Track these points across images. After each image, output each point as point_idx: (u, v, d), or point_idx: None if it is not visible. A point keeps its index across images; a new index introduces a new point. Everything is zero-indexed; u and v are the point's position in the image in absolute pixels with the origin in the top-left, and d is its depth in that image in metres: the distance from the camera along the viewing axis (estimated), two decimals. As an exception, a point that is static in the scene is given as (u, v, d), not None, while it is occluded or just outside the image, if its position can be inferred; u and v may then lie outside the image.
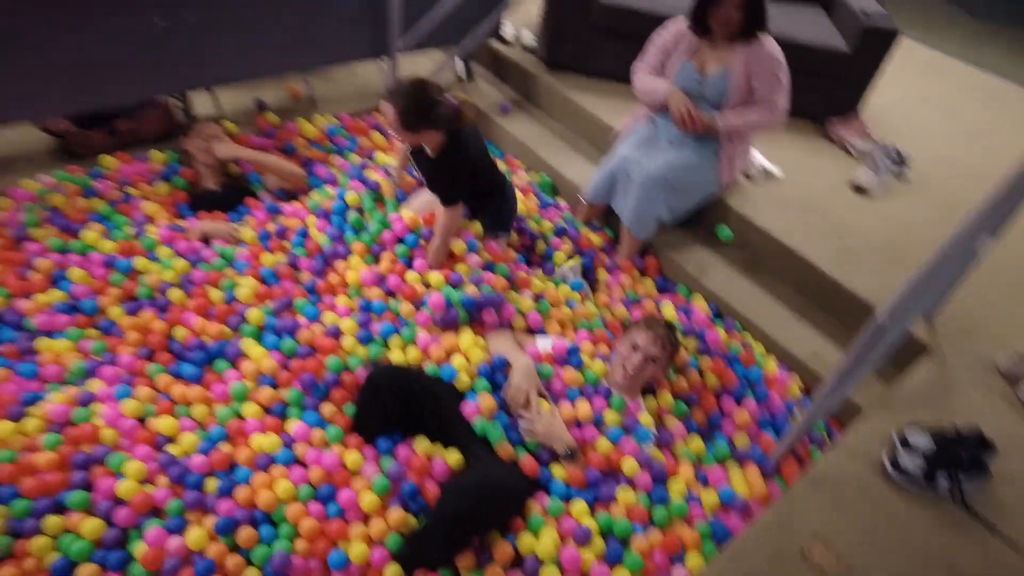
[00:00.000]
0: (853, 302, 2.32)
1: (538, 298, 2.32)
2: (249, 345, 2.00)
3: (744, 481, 1.90)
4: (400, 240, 2.31)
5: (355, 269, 2.26)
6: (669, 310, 2.41)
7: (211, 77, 2.77)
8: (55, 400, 1.80)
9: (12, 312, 2.05)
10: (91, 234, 2.29)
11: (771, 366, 2.27)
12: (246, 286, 2.18)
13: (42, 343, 1.98)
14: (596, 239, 2.70)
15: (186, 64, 2.58)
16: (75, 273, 2.15)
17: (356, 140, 3.02)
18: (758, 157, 2.87)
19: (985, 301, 2.35)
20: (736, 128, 2.47)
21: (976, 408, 1.97)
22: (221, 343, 2.03)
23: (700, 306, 2.48)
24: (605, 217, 2.78)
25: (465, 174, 2.24)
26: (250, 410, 1.85)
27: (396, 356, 2.06)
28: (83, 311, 2.09)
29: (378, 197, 2.46)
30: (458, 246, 2.31)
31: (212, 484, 1.68)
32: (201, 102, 2.98)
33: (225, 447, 1.76)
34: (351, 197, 2.42)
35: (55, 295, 2.10)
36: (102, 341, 2.01)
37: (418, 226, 2.32)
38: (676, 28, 2.51)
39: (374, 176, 2.53)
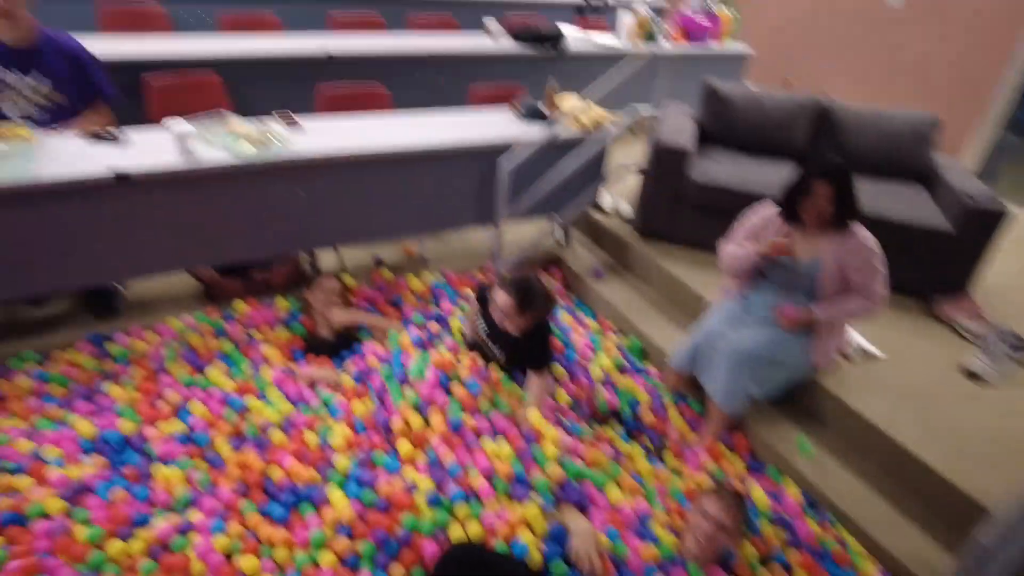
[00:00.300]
0: (966, 503, 2.13)
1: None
2: (333, 492, 2.10)
3: None
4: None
5: (435, 429, 2.32)
6: (758, 493, 2.31)
7: (338, 238, 3.15)
8: (159, 524, 1.96)
9: (140, 438, 2.29)
10: (215, 372, 2.56)
11: (869, 568, 2.08)
12: (339, 433, 2.33)
13: (158, 470, 2.18)
14: (677, 419, 2.68)
15: (318, 227, 2.95)
16: (196, 407, 2.39)
17: (457, 294, 3.25)
18: (856, 336, 2.80)
19: None
20: (834, 318, 2.47)
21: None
22: (310, 488, 2.14)
23: (792, 492, 2.35)
24: (694, 390, 2.77)
25: (551, 341, 2.38)
26: (326, 558, 1.91)
27: (457, 532, 2.00)
28: (196, 442, 2.29)
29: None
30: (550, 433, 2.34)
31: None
32: (326, 256, 3.35)
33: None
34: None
35: (176, 425, 2.33)
36: (208, 473, 2.19)
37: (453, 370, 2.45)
38: (765, 212, 2.61)
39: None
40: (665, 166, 3.39)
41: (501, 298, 2.37)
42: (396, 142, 2.93)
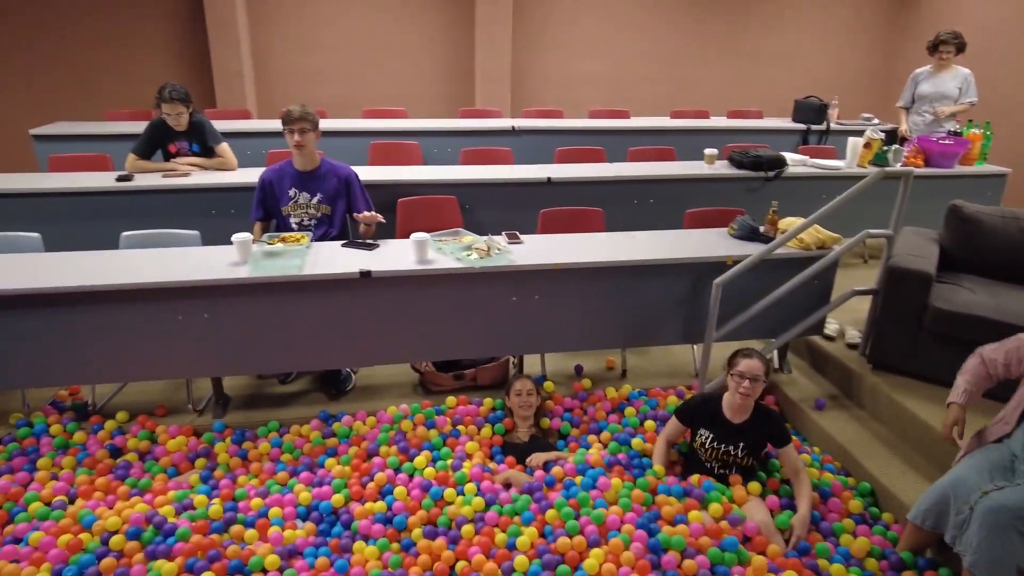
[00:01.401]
0: None
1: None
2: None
3: None
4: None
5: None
6: None
7: (546, 346, 3.26)
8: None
9: (347, 513, 2.47)
10: (421, 459, 2.71)
11: None
12: (527, 535, 2.29)
13: (358, 546, 2.31)
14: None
15: (529, 334, 3.10)
16: (399, 491, 2.53)
17: (656, 402, 3.15)
18: None
19: None
20: None
21: None
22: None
23: None
24: (943, 555, 2.30)
25: None
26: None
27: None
28: (395, 525, 2.40)
29: None
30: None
31: None
32: (532, 362, 3.47)
33: None
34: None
35: (379, 505, 2.48)
36: (399, 556, 2.27)
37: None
38: None
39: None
40: (902, 291, 3.05)
41: (751, 364, 2.52)
42: (605, 256, 3.03)
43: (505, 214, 3.93)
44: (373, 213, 3.22)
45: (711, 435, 2.63)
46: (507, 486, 2.63)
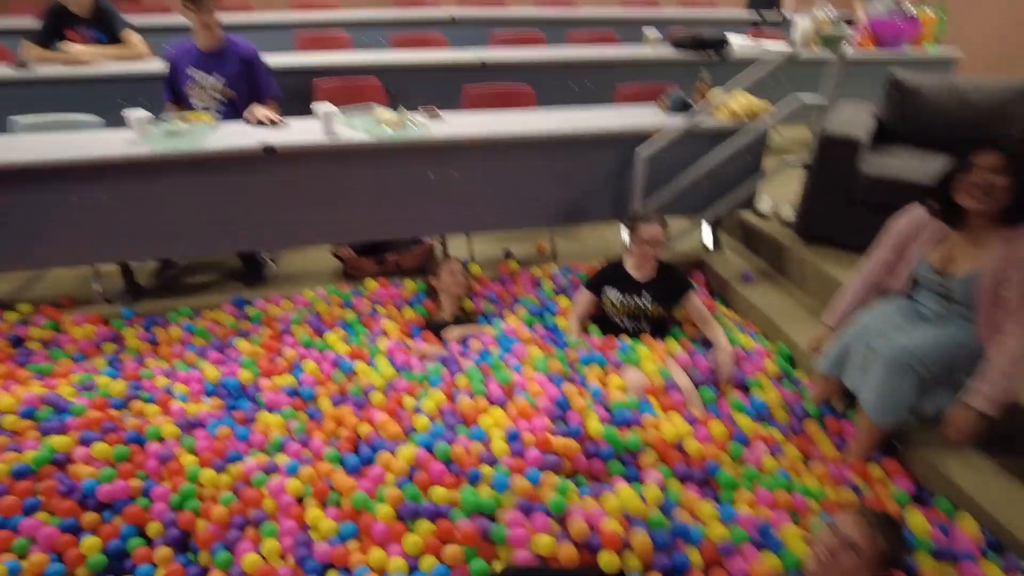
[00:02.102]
0: None
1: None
2: (408, 448, 2.02)
3: None
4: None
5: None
6: (917, 519, 1.82)
7: (468, 225, 3.16)
8: (248, 462, 2.02)
9: (255, 388, 2.42)
10: (333, 336, 2.64)
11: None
12: (433, 399, 2.25)
13: (262, 416, 2.26)
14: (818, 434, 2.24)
15: (450, 213, 2.99)
16: (308, 365, 2.47)
17: (576, 273, 3.10)
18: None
19: None
20: (1003, 399, 1.85)
21: None
22: (391, 443, 2.08)
23: (967, 528, 1.82)
24: (847, 400, 2.30)
25: None
26: (383, 511, 1.81)
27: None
28: (302, 396, 2.35)
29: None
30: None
31: None
32: (458, 246, 3.38)
33: (352, 544, 1.74)
34: None
35: (288, 380, 2.42)
36: (305, 424, 2.22)
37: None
38: (915, 215, 2.14)
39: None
40: (832, 160, 2.97)
41: (651, 229, 2.59)
42: (527, 129, 2.89)
43: (435, 98, 3.72)
44: (263, 110, 2.96)
45: (618, 292, 2.68)
46: (422, 359, 2.58)
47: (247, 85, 3.14)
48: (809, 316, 2.81)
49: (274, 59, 3.41)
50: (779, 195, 3.57)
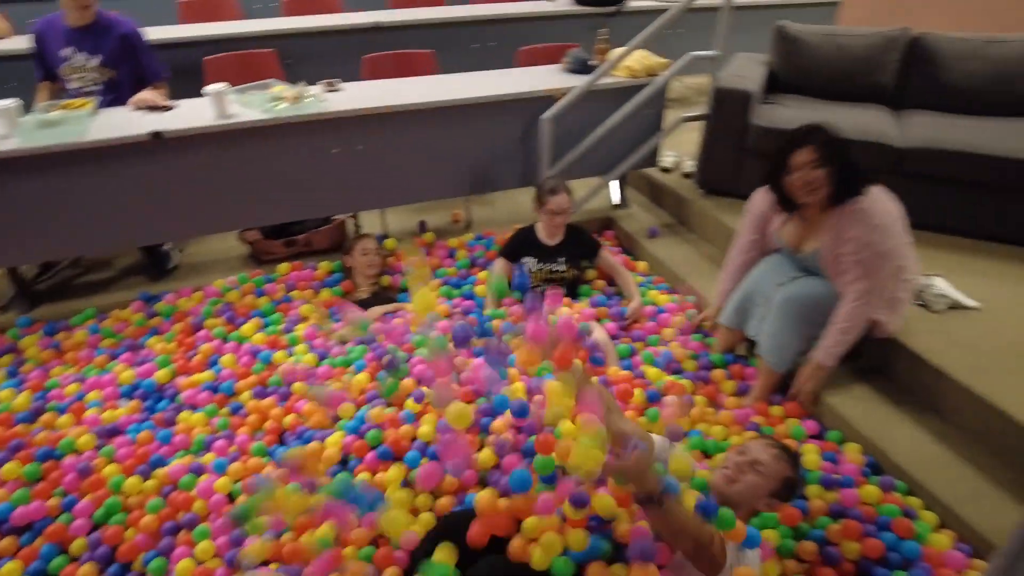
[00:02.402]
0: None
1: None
2: (335, 436, 2.05)
3: None
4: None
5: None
6: (812, 454, 2.02)
7: (378, 201, 3.13)
8: (174, 464, 2.00)
9: (173, 387, 2.37)
10: (249, 327, 2.61)
11: (941, 542, 1.74)
12: (356, 384, 2.28)
13: (183, 416, 2.23)
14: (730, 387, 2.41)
15: (358, 189, 2.94)
16: (226, 359, 2.43)
17: (492, 240, 3.16)
18: (942, 284, 2.40)
19: None
20: (845, 345, 2.09)
21: None
22: (319, 432, 2.10)
23: (853, 457, 2.03)
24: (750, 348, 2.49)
25: None
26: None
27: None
28: (223, 392, 2.33)
29: None
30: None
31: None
32: (371, 221, 3.35)
33: (288, 537, 1.78)
34: None
35: (206, 375, 2.38)
36: (228, 419, 2.21)
37: None
38: (760, 200, 2.32)
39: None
40: (726, 112, 3.11)
41: (558, 200, 2.69)
42: (430, 97, 2.86)
43: (334, 68, 3.60)
44: (148, 95, 2.79)
45: (534, 259, 2.78)
46: (343, 343, 2.59)
47: (128, 65, 2.93)
48: (712, 267, 2.97)
49: (159, 32, 3.21)
50: (682, 149, 3.70)
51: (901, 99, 3.27)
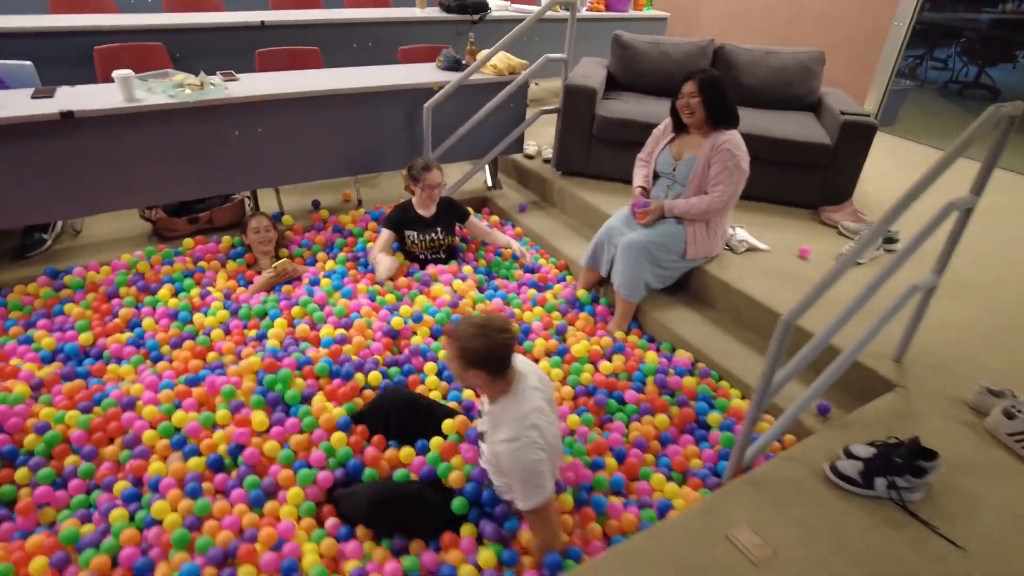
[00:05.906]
0: (829, 352, 2.46)
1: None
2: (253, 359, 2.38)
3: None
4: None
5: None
6: (652, 356, 2.64)
7: (275, 179, 3.43)
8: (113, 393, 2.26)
9: (96, 349, 2.55)
10: (165, 292, 2.83)
11: (742, 404, 2.41)
12: (277, 326, 2.61)
13: (111, 367, 2.44)
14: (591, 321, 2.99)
15: (257, 169, 3.23)
16: (146, 321, 2.66)
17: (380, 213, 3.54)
18: (743, 233, 3.15)
19: (955, 343, 2.44)
20: (681, 213, 2.82)
21: (936, 433, 2.02)
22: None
23: (681, 354, 2.69)
24: (606, 288, 3.09)
25: None
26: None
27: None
28: (147, 348, 2.55)
29: None
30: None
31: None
32: (268, 200, 3.63)
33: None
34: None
35: (128, 335, 2.60)
36: (154, 368, 2.45)
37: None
38: (665, 123, 2.98)
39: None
40: (576, 106, 3.73)
41: (434, 175, 3.09)
42: (324, 85, 3.23)
43: (220, 61, 3.85)
44: None
45: (416, 232, 3.19)
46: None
47: None
48: (573, 234, 3.58)
49: (47, 21, 3.27)
50: (542, 139, 4.31)
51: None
